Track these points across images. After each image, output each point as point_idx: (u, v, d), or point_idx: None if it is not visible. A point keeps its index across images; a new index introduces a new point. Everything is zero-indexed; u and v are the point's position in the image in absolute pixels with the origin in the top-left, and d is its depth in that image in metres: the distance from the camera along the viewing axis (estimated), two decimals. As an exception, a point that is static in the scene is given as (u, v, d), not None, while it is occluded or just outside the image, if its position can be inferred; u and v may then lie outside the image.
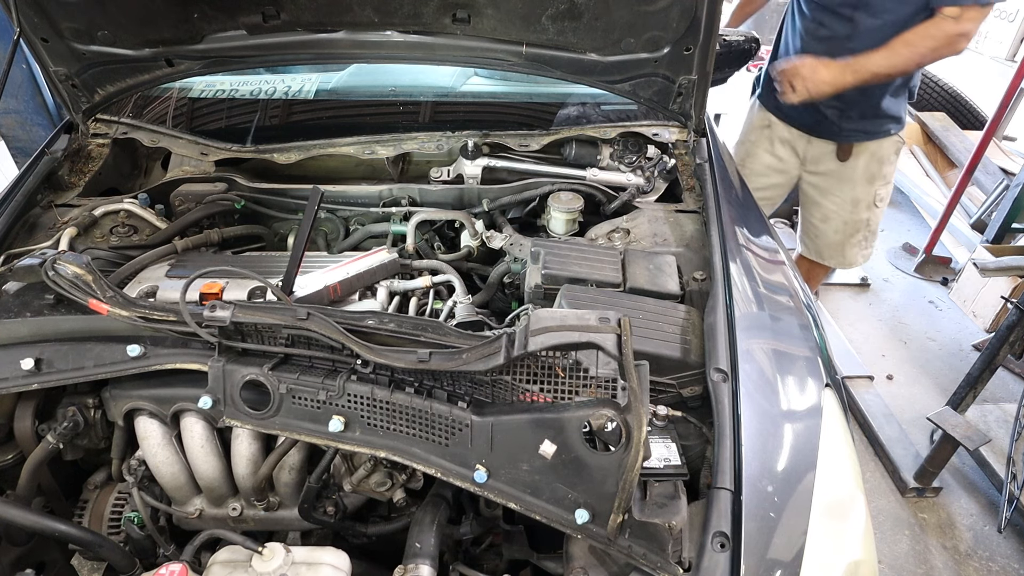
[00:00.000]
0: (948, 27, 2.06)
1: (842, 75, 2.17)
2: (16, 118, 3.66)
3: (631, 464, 0.95)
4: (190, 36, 1.83)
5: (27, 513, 1.17)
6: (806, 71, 2.19)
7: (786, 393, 1.27)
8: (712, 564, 0.99)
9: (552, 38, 1.81)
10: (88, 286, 1.25)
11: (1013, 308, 2.41)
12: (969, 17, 2.06)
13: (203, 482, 1.34)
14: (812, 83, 2.18)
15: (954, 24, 2.06)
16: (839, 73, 2.17)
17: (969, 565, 2.43)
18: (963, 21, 2.06)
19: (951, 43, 2.10)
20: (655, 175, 2.02)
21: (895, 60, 2.15)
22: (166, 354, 1.24)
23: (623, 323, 1.04)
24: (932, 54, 2.13)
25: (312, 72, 2.36)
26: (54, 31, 1.75)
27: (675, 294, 1.49)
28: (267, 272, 1.60)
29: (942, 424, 2.53)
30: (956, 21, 2.05)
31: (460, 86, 2.33)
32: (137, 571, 1.22)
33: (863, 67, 2.16)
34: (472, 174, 2.01)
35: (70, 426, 1.29)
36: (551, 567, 1.27)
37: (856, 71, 2.17)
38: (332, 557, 1.12)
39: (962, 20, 2.06)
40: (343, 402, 1.15)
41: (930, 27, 2.09)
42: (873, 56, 2.16)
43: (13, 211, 1.68)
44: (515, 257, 1.76)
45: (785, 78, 2.24)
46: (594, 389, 1.08)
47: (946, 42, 2.09)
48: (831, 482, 1.12)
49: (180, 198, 1.88)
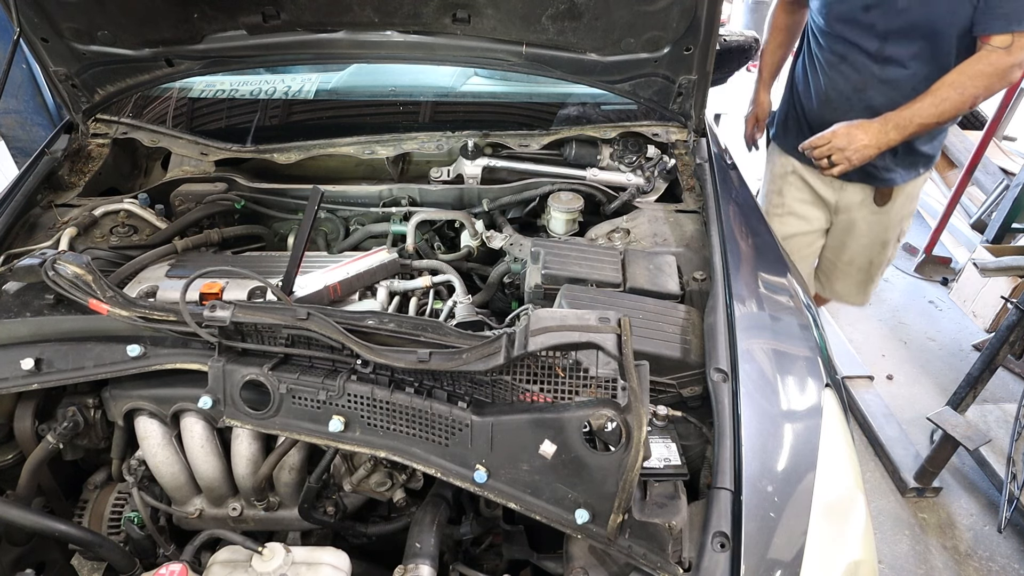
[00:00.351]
0: (999, 60, 1.78)
1: (884, 135, 1.90)
2: (16, 118, 3.66)
3: (631, 464, 0.94)
4: (190, 36, 1.83)
5: (27, 513, 1.17)
6: (842, 140, 1.91)
7: (786, 393, 1.26)
8: (712, 564, 0.99)
9: (552, 38, 1.81)
10: (88, 286, 1.25)
11: (1013, 308, 2.41)
12: (1022, 44, 1.77)
13: (203, 482, 1.34)
14: (853, 152, 1.91)
15: (1006, 55, 1.77)
16: (880, 134, 1.90)
17: (969, 565, 2.43)
18: (1016, 50, 1.77)
19: (1004, 77, 1.83)
20: (655, 175, 2.02)
21: (944, 107, 1.86)
22: (166, 354, 1.24)
23: (623, 323, 1.04)
24: (985, 92, 1.86)
25: (312, 72, 2.36)
26: (54, 31, 1.75)
27: (675, 294, 1.49)
28: (267, 272, 1.60)
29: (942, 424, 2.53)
30: (1008, 51, 1.76)
31: (460, 86, 2.34)
32: (137, 571, 1.22)
33: (908, 121, 1.89)
34: (472, 174, 2.01)
35: (70, 426, 1.29)
36: (551, 567, 1.27)
37: (901, 126, 1.90)
38: (332, 557, 1.12)
39: (1015, 49, 1.77)
40: (343, 402, 1.15)
41: (978, 63, 1.82)
42: (917, 106, 1.88)
43: (13, 211, 1.68)
44: (515, 257, 1.76)
45: (820, 154, 1.97)
46: (594, 389, 1.08)
47: (999, 77, 1.82)
48: (831, 482, 1.12)
49: (180, 198, 1.88)
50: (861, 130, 1.91)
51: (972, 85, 1.83)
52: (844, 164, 1.92)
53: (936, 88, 1.87)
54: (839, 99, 2.14)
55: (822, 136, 1.97)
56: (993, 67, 1.80)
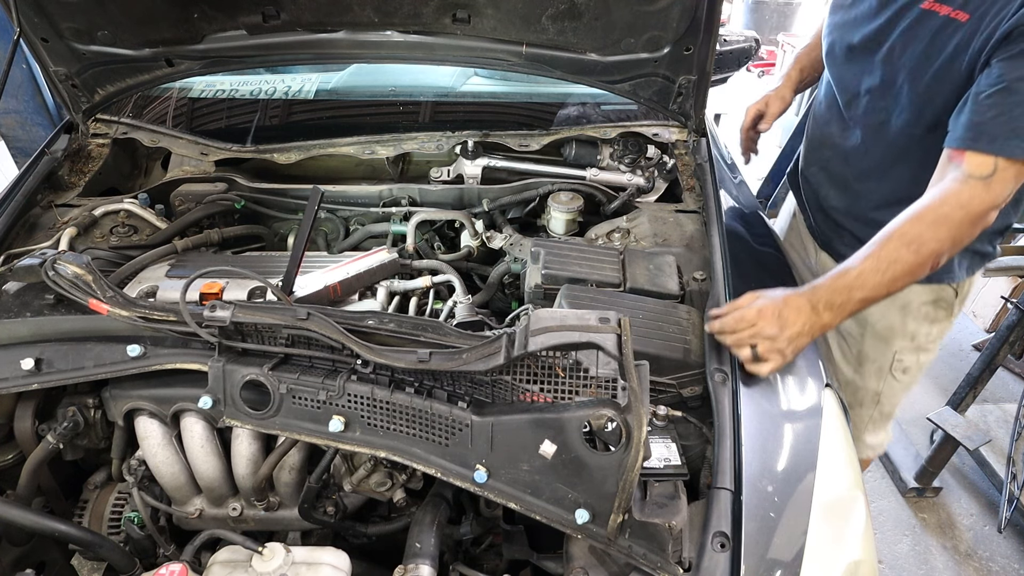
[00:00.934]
0: (975, 198, 1.25)
1: (817, 319, 1.26)
2: (16, 118, 3.66)
3: (631, 464, 0.95)
4: (190, 36, 1.83)
5: (27, 513, 1.17)
6: (770, 326, 1.23)
7: (786, 393, 1.26)
8: (712, 564, 0.99)
9: (552, 38, 1.81)
10: (88, 286, 1.25)
11: (1013, 308, 2.41)
12: (1006, 179, 1.24)
13: (203, 482, 1.34)
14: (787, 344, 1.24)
15: (984, 190, 1.24)
16: (812, 317, 1.26)
17: (969, 565, 2.43)
18: (998, 184, 1.24)
19: (977, 223, 1.27)
20: (655, 175, 2.02)
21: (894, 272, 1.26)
22: (166, 354, 1.24)
23: (623, 323, 1.04)
24: (952, 248, 1.29)
25: (312, 72, 2.36)
26: (54, 31, 1.75)
27: (675, 294, 1.49)
28: (267, 272, 1.60)
29: (942, 424, 2.53)
30: (987, 185, 1.24)
31: (460, 86, 2.34)
32: (137, 571, 1.22)
33: (845, 296, 1.27)
34: (472, 174, 2.01)
35: (70, 426, 1.29)
36: (551, 567, 1.27)
37: (836, 306, 1.27)
38: (332, 557, 1.12)
39: (996, 183, 1.24)
40: (343, 402, 1.15)
41: (943, 204, 1.26)
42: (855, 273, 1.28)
43: (13, 211, 1.68)
44: (515, 257, 1.76)
45: (740, 341, 1.25)
46: (594, 389, 1.08)
47: (971, 223, 1.26)
48: (831, 482, 1.12)
49: (180, 198, 1.88)
50: (792, 310, 1.25)
51: (934, 238, 1.25)
52: (777, 360, 1.24)
53: (882, 242, 1.28)
54: (810, 143, 1.84)
55: (741, 314, 1.26)
56: (964, 210, 1.24)
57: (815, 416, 1.23)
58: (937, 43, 1.38)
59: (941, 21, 1.38)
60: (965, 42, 1.33)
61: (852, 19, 1.58)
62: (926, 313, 1.72)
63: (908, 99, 1.46)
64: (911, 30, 1.43)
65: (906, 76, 1.45)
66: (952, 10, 1.36)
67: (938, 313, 1.73)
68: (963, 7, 1.34)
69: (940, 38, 1.37)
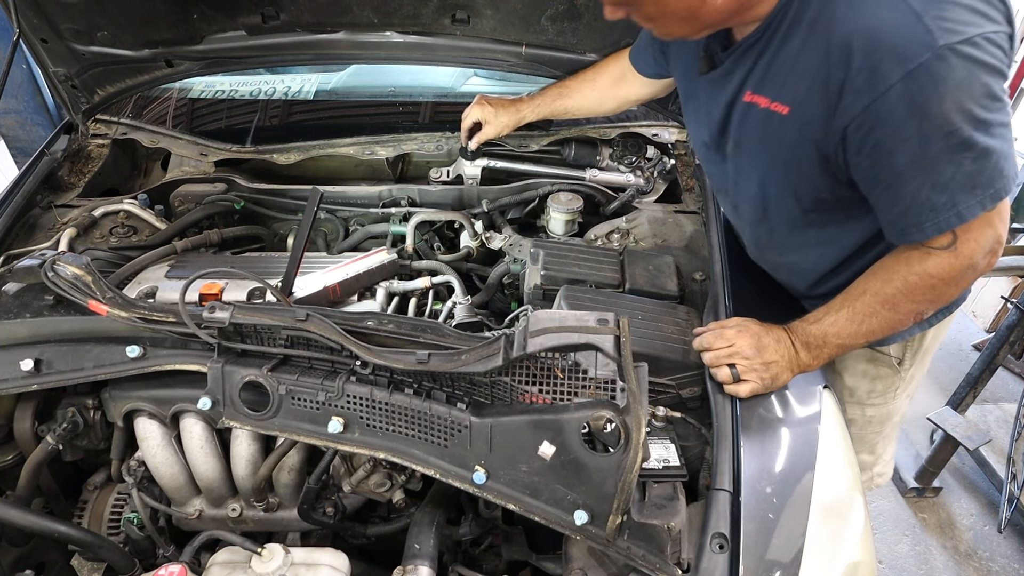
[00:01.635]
0: (945, 265, 1.16)
1: (795, 358, 1.25)
2: (16, 118, 3.67)
3: (630, 465, 0.95)
4: (190, 36, 1.83)
5: (27, 514, 1.17)
6: (747, 347, 1.22)
7: (785, 394, 1.26)
8: (711, 565, 0.99)
9: (552, 39, 1.81)
10: (88, 287, 1.25)
11: (1013, 308, 2.41)
12: (974, 237, 1.13)
13: (202, 483, 1.34)
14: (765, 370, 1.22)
15: (952, 257, 1.15)
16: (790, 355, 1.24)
17: (969, 565, 2.43)
18: (964, 248, 1.14)
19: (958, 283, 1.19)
20: (655, 175, 2.02)
21: (872, 325, 1.23)
22: (165, 355, 1.24)
23: (622, 324, 1.04)
24: (932, 306, 1.23)
25: (312, 72, 2.36)
26: (54, 32, 1.75)
27: (674, 295, 1.49)
28: (267, 273, 1.60)
29: (942, 424, 2.53)
30: (954, 252, 1.14)
31: (460, 86, 2.33)
32: (137, 572, 1.22)
33: (821, 340, 1.25)
34: (471, 174, 2.01)
35: (70, 427, 1.29)
36: (550, 568, 1.27)
37: (812, 347, 1.25)
38: (331, 558, 1.12)
39: (961, 247, 1.14)
40: (342, 403, 1.15)
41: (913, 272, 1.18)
42: (830, 319, 1.25)
43: (13, 211, 1.68)
44: (515, 258, 1.76)
45: (718, 360, 1.24)
46: (593, 390, 1.08)
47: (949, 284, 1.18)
48: (830, 483, 1.12)
49: (180, 198, 1.88)
50: (771, 338, 1.24)
51: (909, 300, 1.20)
52: (755, 381, 1.22)
53: (856, 294, 1.24)
54: None
55: (721, 331, 1.26)
56: (937, 278, 1.17)
57: (813, 417, 1.23)
58: (770, 136, 1.24)
59: (763, 114, 1.23)
60: (799, 133, 1.19)
61: (695, 116, 1.46)
62: (863, 371, 1.64)
63: (775, 189, 1.34)
64: (743, 124, 1.30)
65: (760, 170, 1.33)
66: (770, 102, 1.21)
67: (879, 371, 1.63)
68: (779, 99, 1.19)
69: (770, 131, 1.23)
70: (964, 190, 1.08)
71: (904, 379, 1.65)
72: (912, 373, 1.65)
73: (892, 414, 1.74)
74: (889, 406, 1.71)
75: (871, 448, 1.82)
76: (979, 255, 1.15)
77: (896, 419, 1.78)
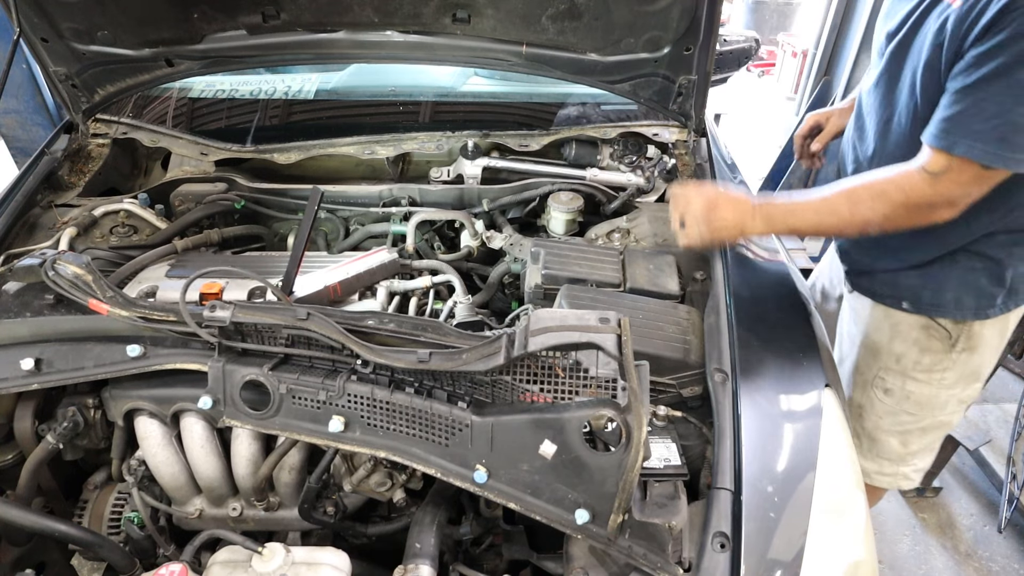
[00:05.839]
0: (917, 188, 1.28)
1: (750, 220, 1.42)
2: (16, 118, 3.67)
3: (631, 464, 0.94)
4: (190, 36, 1.83)
5: (27, 513, 1.17)
6: (698, 207, 1.44)
7: (786, 393, 1.27)
8: (712, 564, 0.99)
9: (552, 38, 1.81)
10: (88, 286, 1.25)
11: (1013, 308, 2.41)
12: (958, 180, 1.25)
13: (203, 482, 1.34)
14: (706, 225, 1.44)
15: (928, 184, 1.27)
16: (746, 215, 1.43)
17: (969, 565, 2.43)
18: (947, 183, 1.26)
19: (915, 213, 1.31)
20: (655, 175, 2.02)
21: (828, 219, 1.39)
22: (166, 354, 1.24)
23: (623, 323, 1.04)
24: (883, 222, 1.34)
25: (312, 72, 2.36)
26: (54, 31, 1.75)
27: (675, 294, 1.49)
28: (267, 272, 1.60)
29: (942, 424, 2.52)
30: (934, 180, 1.26)
31: (460, 86, 2.34)
32: (137, 571, 1.22)
33: (782, 217, 1.43)
34: (472, 174, 2.01)
35: (70, 426, 1.29)
36: (551, 567, 1.27)
37: (771, 219, 1.42)
38: (332, 557, 1.12)
39: (944, 181, 1.26)
40: (343, 402, 1.15)
41: (890, 183, 1.33)
42: (802, 203, 1.42)
43: (13, 211, 1.68)
44: (515, 257, 1.76)
45: (674, 211, 1.52)
46: (594, 389, 1.08)
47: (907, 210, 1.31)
48: (831, 482, 1.12)
49: (180, 198, 1.88)
50: (729, 204, 1.43)
51: (869, 207, 1.33)
52: (694, 236, 1.44)
53: (835, 192, 1.39)
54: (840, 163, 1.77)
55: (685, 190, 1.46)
56: (906, 195, 1.29)
57: (815, 416, 1.23)
58: (932, 29, 1.31)
59: (941, 5, 1.31)
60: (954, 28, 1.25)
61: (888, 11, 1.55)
62: (915, 339, 1.65)
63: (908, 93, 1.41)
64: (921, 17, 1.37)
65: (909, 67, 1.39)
66: None
67: (931, 344, 1.64)
68: None
69: (935, 23, 1.30)
70: (992, 136, 1.19)
71: (954, 363, 1.65)
72: (964, 363, 1.65)
73: (934, 404, 1.72)
74: (933, 389, 1.69)
75: (904, 439, 1.78)
76: (946, 197, 1.27)
77: (940, 418, 1.74)
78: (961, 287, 1.53)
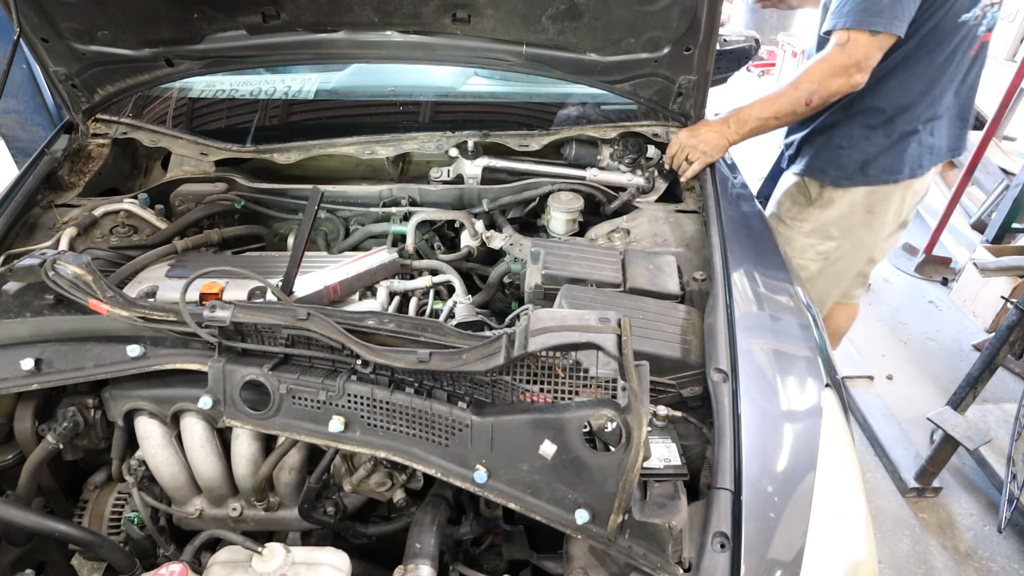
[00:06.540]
0: (834, 57, 1.81)
1: (726, 128, 1.91)
2: (16, 118, 3.66)
3: (631, 464, 0.94)
4: (190, 36, 1.83)
5: (27, 513, 1.17)
6: (687, 137, 1.90)
7: (786, 393, 1.26)
8: (712, 564, 0.99)
9: (552, 38, 1.81)
10: (88, 286, 1.25)
11: (1013, 308, 2.41)
12: (857, 45, 1.78)
13: (203, 482, 1.34)
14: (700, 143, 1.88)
15: (840, 52, 1.80)
16: (722, 126, 1.91)
17: (969, 565, 2.43)
18: (851, 49, 1.78)
19: (838, 75, 1.82)
20: (655, 175, 2.02)
21: (780, 105, 1.90)
22: (166, 354, 1.24)
23: (623, 323, 1.04)
24: (821, 90, 1.85)
25: (312, 72, 2.36)
26: (54, 31, 1.75)
27: (675, 294, 1.49)
28: (267, 272, 1.60)
29: (942, 424, 2.53)
30: (843, 49, 1.79)
31: (460, 86, 2.33)
32: (137, 571, 1.22)
33: (746, 116, 1.92)
34: (472, 174, 2.01)
35: (70, 426, 1.29)
36: (551, 567, 1.27)
37: (740, 122, 1.92)
38: (332, 557, 1.12)
39: (849, 48, 1.78)
40: (343, 402, 1.15)
41: (819, 61, 1.85)
42: (758, 103, 1.93)
43: (13, 211, 1.68)
44: (515, 257, 1.76)
45: (679, 160, 1.93)
46: (594, 389, 1.08)
47: (833, 74, 1.82)
48: (831, 482, 1.12)
49: (180, 198, 1.88)
50: (709, 127, 1.91)
51: (807, 80, 1.85)
52: (700, 159, 1.88)
53: (783, 82, 1.92)
54: None
55: (675, 138, 1.95)
56: (829, 64, 1.82)
57: (815, 416, 1.23)
58: None
59: None
60: None
61: None
62: (790, 192, 2.31)
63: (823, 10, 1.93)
64: None
65: None
66: None
67: (799, 197, 2.27)
68: None
69: None
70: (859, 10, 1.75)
71: (810, 216, 2.24)
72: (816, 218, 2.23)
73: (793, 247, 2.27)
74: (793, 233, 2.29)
75: None
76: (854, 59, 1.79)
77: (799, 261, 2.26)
78: (829, 158, 2.14)
